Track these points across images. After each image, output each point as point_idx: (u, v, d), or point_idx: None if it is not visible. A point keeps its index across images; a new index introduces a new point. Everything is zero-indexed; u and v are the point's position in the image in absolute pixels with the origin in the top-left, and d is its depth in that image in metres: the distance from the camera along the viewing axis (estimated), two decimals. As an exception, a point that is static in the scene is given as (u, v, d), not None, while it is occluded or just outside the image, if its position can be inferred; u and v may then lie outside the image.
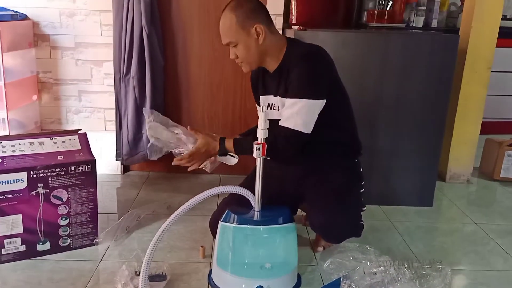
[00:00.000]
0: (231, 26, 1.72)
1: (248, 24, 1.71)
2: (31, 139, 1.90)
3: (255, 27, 1.71)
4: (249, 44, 1.74)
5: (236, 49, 1.76)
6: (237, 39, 1.73)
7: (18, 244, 1.83)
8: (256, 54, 1.76)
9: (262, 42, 1.74)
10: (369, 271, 1.75)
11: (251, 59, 1.78)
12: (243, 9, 1.71)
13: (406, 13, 3.73)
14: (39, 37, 2.67)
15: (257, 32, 1.72)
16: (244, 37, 1.73)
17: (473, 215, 2.53)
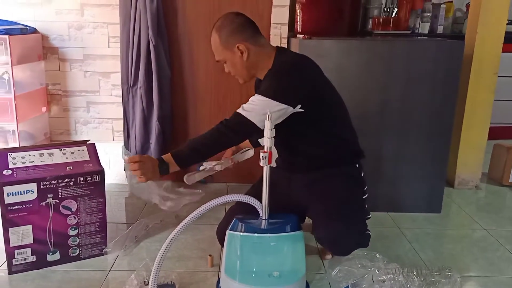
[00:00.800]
0: (216, 46, 1.82)
1: (230, 44, 1.79)
2: (40, 150, 1.92)
3: (237, 46, 1.78)
4: (235, 62, 1.82)
5: (226, 66, 1.86)
6: (223, 57, 1.83)
7: (28, 255, 1.85)
8: (244, 69, 1.83)
9: (247, 59, 1.80)
10: (377, 279, 1.75)
11: (242, 72, 1.85)
12: (226, 29, 1.79)
13: (412, 20, 3.73)
14: (48, 50, 2.71)
15: (240, 51, 1.78)
16: (230, 56, 1.81)
17: (482, 221, 2.51)
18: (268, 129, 1.59)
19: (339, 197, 1.81)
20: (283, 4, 2.69)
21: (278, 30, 2.72)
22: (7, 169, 1.81)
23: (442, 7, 3.85)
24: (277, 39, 2.73)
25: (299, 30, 2.90)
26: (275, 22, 2.72)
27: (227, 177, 2.98)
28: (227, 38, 1.79)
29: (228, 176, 2.97)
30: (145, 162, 1.67)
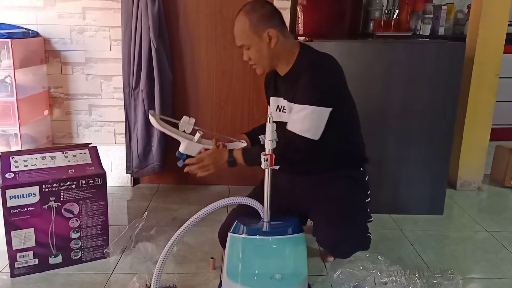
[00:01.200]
0: (244, 30, 1.74)
1: (260, 28, 1.73)
2: (43, 154, 1.93)
3: (267, 31, 1.73)
4: (261, 48, 1.75)
5: (249, 52, 1.78)
6: (249, 42, 1.75)
7: (30, 258, 1.86)
8: (268, 57, 1.78)
9: (274, 46, 1.75)
10: (379, 281, 1.75)
11: (263, 62, 1.80)
12: (256, 13, 1.73)
13: (413, 22, 3.73)
14: (50, 54, 2.72)
15: (269, 37, 1.73)
16: (257, 41, 1.75)
17: (485, 223, 2.51)
18: (269, 131, 1.59)
19: (341, 199, 1.80)
20: (284, 7, 2.69)
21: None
22: (10, 172, 1.81)
23: (443, 8, 3.85)
24: (278, 41, 2.73)
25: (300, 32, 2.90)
26: (276, 24, 2.72)
27: (229, 180, 2.99)
28: (257, 22, 1.73)
29: (230, 178, 2.98)
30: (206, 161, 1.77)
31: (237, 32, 1.78)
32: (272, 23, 1.74)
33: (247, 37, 1.75)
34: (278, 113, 1.87)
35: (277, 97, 1.89)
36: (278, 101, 1.89)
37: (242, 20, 1.75)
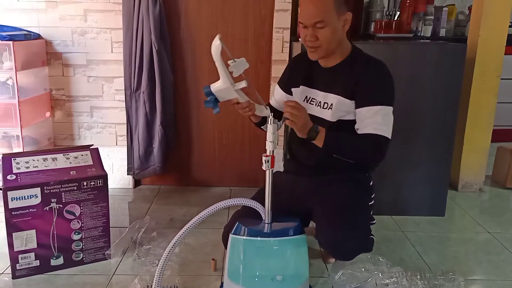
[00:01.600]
0: (327, 5, 1.64)
1: (343, 9, 1.67)
2: (44, 155, 1.93)
3: (347, 14, 1.68)
4: (336, 29, 1.68)
5: (321, 31, 1.66)
6: (328, 20, 1.65)
7: (32, 259, 1.86)
8: (337, 41, 1.71)
9: (344, 32, 1.71)
10: (381, 282, 1.75)
11: (330, 44, 1.71)
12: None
13: (414, 23, 3.73)
14: (52, 56, 2.73)
15: (345, 20, 1.69)
16: (335, 21, 1.67)
17: (486, 224, 2.50)
18: (270, 133, 1.59)
19: (344, 201, 1.79)
20: (285, 9, 2.70)
21: (280, 34, 2.73)
22: (11, 174, 1.82)
23: (444, 10, 3.85)
24: (279, 43, 2.74)
25: (301, 34, 2.90)
26: (277, 26, 2.73)
27: (230, 181, 2.99)
28: (341, 1, 1.66)
29: (231, 180, 2.98)
30: (300, 111, 1.62)
31: (318, 6, 1.65)
32: (349, 6, 1.70)
33: (329, 14, 1.65)
34: (304, 104, 1.83)
35: (308, 87, 1.84)
36: (308, 91, 1.84)
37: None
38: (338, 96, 1.75)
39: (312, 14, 1.66)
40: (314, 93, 1.83)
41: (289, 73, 1.94)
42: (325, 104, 1.79)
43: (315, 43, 1.70)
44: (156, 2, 2.55)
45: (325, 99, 1.79)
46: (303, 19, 1.70)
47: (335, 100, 1.76)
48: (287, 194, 1.86)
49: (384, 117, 1.68)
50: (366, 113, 1.69)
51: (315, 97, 1.83)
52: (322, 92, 1.80)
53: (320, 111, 1.80)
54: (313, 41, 1.69)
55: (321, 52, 1.73)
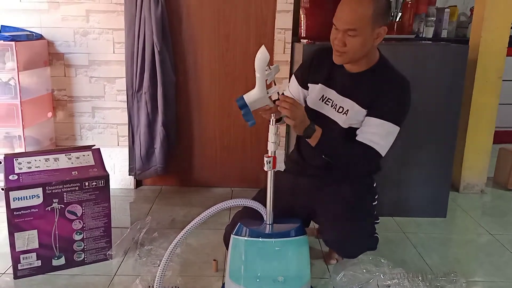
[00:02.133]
0: (364, 15, 1.59)
1: (380, 22, 1.62)
2: (46, 156, 1.94)
3: (382, 28, 1.64)
4: (367, 41, 1.64)
5: (351, 39, 1.62)
6: (361, 30, 1.60)
7: (34, 259, 1.86)
8: (364, 52, 1.68)
9: (374, 44, 1.68)
10: (382, 284, 1.75)
11: (356, 54, 1.67)
12: (381, 4, 1.62)
13: (416, 24, 3.73)
14: (54, 56, 2.73)
15: (379, 33, 1.65)
16: (368, 32, 1.62)
17: (488, 226, 2.50)
18: (272, 133, 1.59)
19: (348, 200, 1.80)
20: (287, 10, 2.70)
21: (282, 35, 2.73)
22: (13, 174, 1.82)
23: (446, 11, 3.85)
24: (281, 44, 2.74)
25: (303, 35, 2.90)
26: (279, 27, 2.73)
27: (231, 182, 2.99)
28: (379, 14, 1.61)
29: (232, 180, 2.98)
30: (298, 109, 1.59)
31: (354, 15, 1.60)
32: (386, 20, 1.66)
33: (364, 24, 1.60)
34: (319, 103, 1.81)
35: (327, 87, 1.81)
36: (326, 91, 1.81)
37: (367, 4, 1.59)
38: (355, 104, 1.73)
39: (347, 20, 1.61)
40: (332, 94, 1.80)
41: (310, 67, 1.86)
42: (340, 108, 1.77)
43: (342, 49, 1.66)
44: (158, 3, 2.55)
45: (342, 103, 1.77)
46: (336, 21, 1.65)
47: (351, 107, 1.74)
48: (287, 194, 1.86)
49: (387, 134, 1.70)
50: (372, 123, 1.70)
51: (332, 98, 1.80)
52: (340, 95, 1.77)
53: (334, 114, 1.78)
54: (340, 46, 1.66)
55: (346, 59, 1.70)
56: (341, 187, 1.82)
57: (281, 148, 2.82)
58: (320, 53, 1.86)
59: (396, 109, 1.71)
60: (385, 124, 1.68)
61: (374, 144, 1.68)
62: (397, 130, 1.71)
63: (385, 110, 1.69)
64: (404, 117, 1.73)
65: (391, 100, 1.69)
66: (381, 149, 1.69)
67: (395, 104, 1.70)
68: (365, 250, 1.85)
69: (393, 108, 1.70)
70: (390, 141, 1.72)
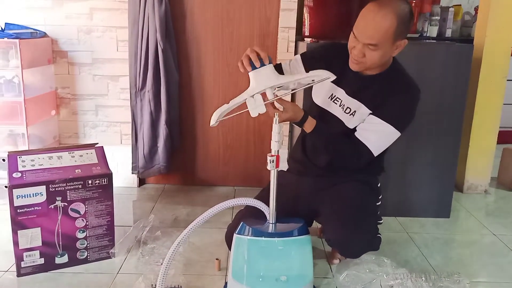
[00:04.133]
0: (388, 30, 1.56)
1: (401, 36, 1.60)
2: (50, 154, 1.94)
3: (403, 41, 1.63)
4: (386, 54, 1.63)
5: (370, 52, 1.60)
6: (382, 45, 1.59)
7: (37, 257, 1.86)
8: (382, 62, 1.67)
9: (393, 55, 1.68)
10: (386, 284, 1.74)
11: (373, 64, 1.66)
12: (405, 20, 1.58)
13: (420, 23, 3.72)
14: (58, 54, 2.73)
15: (399, 45, 1.63)
16: (389, 46, 1.61)
17: (492, 226, 2.49)
18: (276, 133, 1.59)
19: (352, 199, 1.80)
20: (290, 8, 2.70)
21: (286, 33, 2.73)
22: (17, 172, 1.82)
23: (451, 10, 3.83)
24: (284, 42, 2.73)
25: (307, 34, 2.89)
26: (283, 25, 2.72)
27: (234, 181, 2.99)
28: (402, 29, 1.58)
29: (235, 179, 2.98)
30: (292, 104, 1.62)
31: (378, 32, 1.56)
32: (407, 33, 1.63)
33: (386, 40, 1.57)
34: (328, 101, 1.81)
35: (337, 86, 1.79)
36: (335, 90, 1.80)
37: (391, 19, 1.54)
38: (363, 106, 1.73)
39: (370, 35, 1.58)
40: (340, 93, 1.79)
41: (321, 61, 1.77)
42: (348, 109, 1.76)
43: (360, 59, 1.64)
44: (162, 1, 2.55)
45: (349, 104, 1.76)
46: (358, 33, 1.60)
47: (358, 108, 1.74)
48: (290, 194, 1.86)
49: (385, 135, 1.71)
50: (373, 121, 1.70)
51: (340, 97, 1.79)
52: (349, 96, 1.77)
53: (341, 113, 1.78)
54: (359, 57, 1.63)
55: (362, 67, 1.69)
56: (345, 187, 1.82)
57: (284, 147, 2.81)
58: (335, 49, 1.83)
59: (401, 115, 1.71)
60: (386, 125, 1.69)
61: (368, 142, 1.70)
62: (397, 135, 1.71)
63: (389, 113, 1.69)
64: (407, 124, 1.74)
65: (398, 105, 1.69)
66: (374, 149, 1.71)
67: (401, 109, 1.71)
68: (368, 250, 1.85)
69: (398, 113, 1.70)
70: (387, 143, 1.73)
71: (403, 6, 1.58)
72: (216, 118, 1.63)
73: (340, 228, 1.75)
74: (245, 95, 1.60)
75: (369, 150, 1.70)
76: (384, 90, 1.70)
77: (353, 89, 1.76)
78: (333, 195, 1.82)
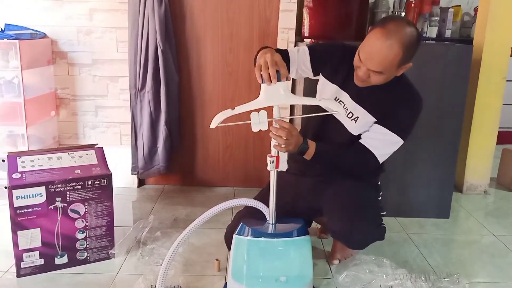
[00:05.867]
0: (393, 61, 1.59)
1: (406, 63, 1.64)
2: (49, 154, 1.94)
3: (408, 65, 1.66)
4: (391, 76, 1.68)
5: (376, 76, 1.64)
6: (387, 72, 1.63)
7: (36, 258, 1.86)
8: (386, 81, 1.69)
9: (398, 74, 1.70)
10: (385, 284, 1.74)
11: (377, 82, 1.68)
12: (410, 48, 1.59)
13: (419, 24, 3.72)
14: (57, 55, 2.74)
15: (403, 68, 1.67)
16: (394, 72, 1.65)
17: (491, 227, 2.49)
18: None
19: (355, 192, 1.82)
20: (290, 9, 2.70)
21: (286, 34, 2.73)
22: (16, 173, 1.82)
23: (450, 11, 3.83)
24: (284, 43, 2.73)
25: (306, 35, 2.90)
26: (283, 26, 2.72)
27: (234, 181, 2.99)
28: (407, 58, 1.62)
29: (235, 180, 2.98)
30: (293, 135, 1.60)
31: (383, 60, 1.58)
32: (412, 57, 1.65)
33: (391, 68, 1.62)
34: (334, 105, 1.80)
35: (342, 90, 1.81)
36: (340, 94, 1.81)
37: (396, 50, 1.56)
38: (367, 112, 1.76)
39: (375, 65, 1.60)
40: (345, 97, 1.81)
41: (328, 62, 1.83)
42: (350, 114, 1.79)
43: (365, 80, 1.67)
44: (162, 2, 2.55)
45: (353, 109, 1.78)
46: (363, 58, 1.62)
47: (362, 115, 1.77)
48: (290, 194, 1.86)
49: (390, 144, 1.75)
50: (379, 131, 1.74)
51: (344, 101, 1.81)
52: (353, 101, 1.79)
53: (344, 118, 1.80)
54: (364, 78, 1.66)
55: (366, 85, 1.72)
56: (346, 183, 1.84)
57: (284, 148, 2.81)
58: (342, 53, 1.83)
59: (405, 124, 1.76)
60: (392, 135, 1.73)
61: (375, 150, 1.74)
62: (401, 143, 1.76)
63: (394, 122, 1.73)
64: (410, 132, 1.78)
65: (402, 115, 1.74)
66: (380, 157, 1.76)
67: (405, 119, 1.75)
68: (373, 240, 1.86)
69: (403, 123, 1.75)
70: (391, 151, 1.78)
71: (410, 33, 1.58)
72: (216, 123, 1.64)
73: (344, 219, 1.76)
74: (253, 105, 1.60)
75: (375, 157, 1.75)
76: (389, 100, 1.74)
77: (358, 94, 1.78)
78: (334, 190, 1.83)
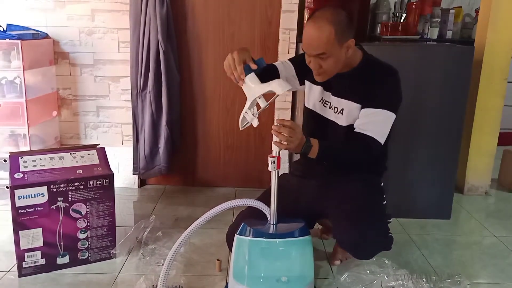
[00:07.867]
0: (329, 39, 1.64)
1: (345, 37, 1.67)
2: (51, 154, 1.94)
3: (350, 41, 1.69)
4: (340, 57, 1.70)
5: (325, 61, 1.69)
6: (330, 51, 1.67)
7: (38, 258, 1.87)
8: (341, 65, 1.74)
9: (348, 55, 1.72)
10: (386, 285, 1.74)
11: (334, 70, 1.74)
12: (341, 24, 1.66)
13: (420, 25, 3.73)
14: (59, 55, 2.74)
15: (348, 46, 1.70)
16: (337, 50, 1.68)
17: (492, 228, 2.49)
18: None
19: (360, 199, 1.80)
20: (291, 10, 2.70)
21: (287, 35, 2.73)
22: (18, 173, 1.83)
23: (451, 12, 3.84)
24: (285, 44, 2.74)
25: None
26: (284, 27, 2.73)
27: (235, 181, 2.99)
28: (343, 32, 1.66)
29: (236, 180, 2.98)
30: (296, 132, 1.60)
31: (319, 41, 1.65)
32: (351, 33, 1.71)
33: (330, 47, 1.66)
34: (320, 105, 1.89)
35: (324, 90, 1.88)
36: (324, 94, 1.88)
37: (327, 29, 1.63)
38: (350, 102, 1.79)
39: (313, 47, 1.67)
40: (328, 96, 1.87)
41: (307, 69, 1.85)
42: (335, 109, 1.83)
43: (319, 70, 1.73)
44: (163, 3, 2.56)
45: (337, 104, 1.83)
46: (305, 49, 1.71)
47: (346, 106, 1.80)
48: (293, 196, 1.86)
49: (382, 121, 1.73)
50: (367, 113, 1.74)
51: (329, 100, 1.87)
52: (335, 97, 1.84)
53: (334, 116, 1.84)
54: (317, 68, 1.72)
55: (326, 76, 1.76)
56: (351, 188, 1.82)
57: (285, 149, 2.81)
58: None
59: (389, 97, 1.75)
60: (380, 111, 1.73)
61: (370, 132, 1.72)
62: (393, 117, 1.75)
63: (378, 99, 1.73)
64: (398, 104, 1.77)
65: (382, 89, 1.74)
66: (378, 136, 1.73)
67: (387, 92, 1.75)
68: (380, 250, 1.83)
69: (386, 96, 1.74)
70: (387, 128, 1.76)
71: (336, 12, 1.67)
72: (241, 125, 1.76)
73: (352, 231, 1.72)
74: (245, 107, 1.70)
75: (374, 139, 1.72)
76: (364, 81, 1.76)
77: (338, 90, 1.82)
78: (339, 196, 1.81)
